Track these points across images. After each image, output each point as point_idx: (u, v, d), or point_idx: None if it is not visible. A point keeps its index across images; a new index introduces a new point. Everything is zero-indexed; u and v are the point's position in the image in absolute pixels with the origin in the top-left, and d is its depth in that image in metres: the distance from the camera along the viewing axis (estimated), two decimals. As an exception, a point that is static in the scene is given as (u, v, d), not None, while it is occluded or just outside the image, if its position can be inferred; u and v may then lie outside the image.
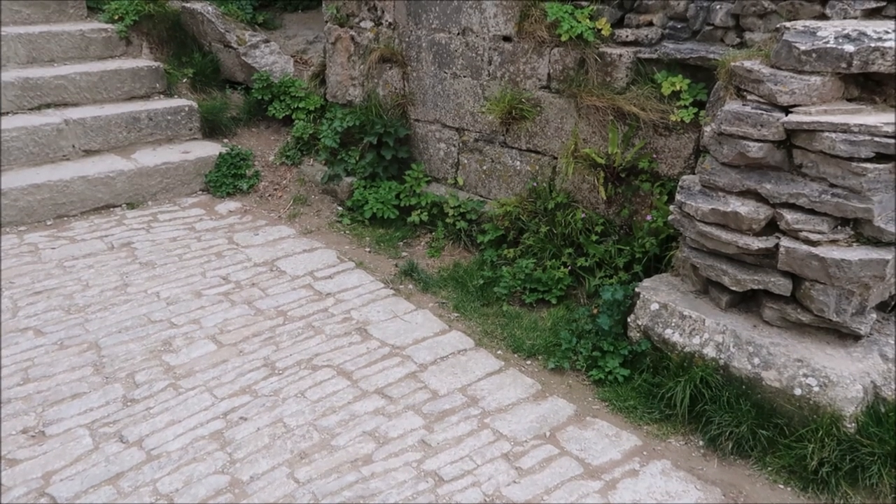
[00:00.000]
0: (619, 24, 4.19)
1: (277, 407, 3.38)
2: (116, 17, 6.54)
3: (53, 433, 3.22)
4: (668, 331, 3.41)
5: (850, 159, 2.89)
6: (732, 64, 3.30)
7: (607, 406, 3.42)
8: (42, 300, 4.23)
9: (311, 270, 4.64)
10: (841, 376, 2.94)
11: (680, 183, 3.45)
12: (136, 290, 4.36)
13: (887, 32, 2.97)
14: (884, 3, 3.35)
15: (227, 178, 5.75)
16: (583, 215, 4.26)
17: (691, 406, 3.21)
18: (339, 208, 5.44)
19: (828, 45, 2.99)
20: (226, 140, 6.15)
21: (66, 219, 5.26)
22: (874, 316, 3.13)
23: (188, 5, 6.73)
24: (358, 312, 4.16)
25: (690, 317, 3.37)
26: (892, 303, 3.28)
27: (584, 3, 4.23)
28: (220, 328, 3.99)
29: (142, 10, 6.55)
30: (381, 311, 4.19)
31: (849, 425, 2.90)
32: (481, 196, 4.97)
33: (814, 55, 3.01)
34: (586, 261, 4.14)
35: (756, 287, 3.21)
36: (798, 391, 3.00)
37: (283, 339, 3.90)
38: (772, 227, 3.14)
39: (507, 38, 4.60)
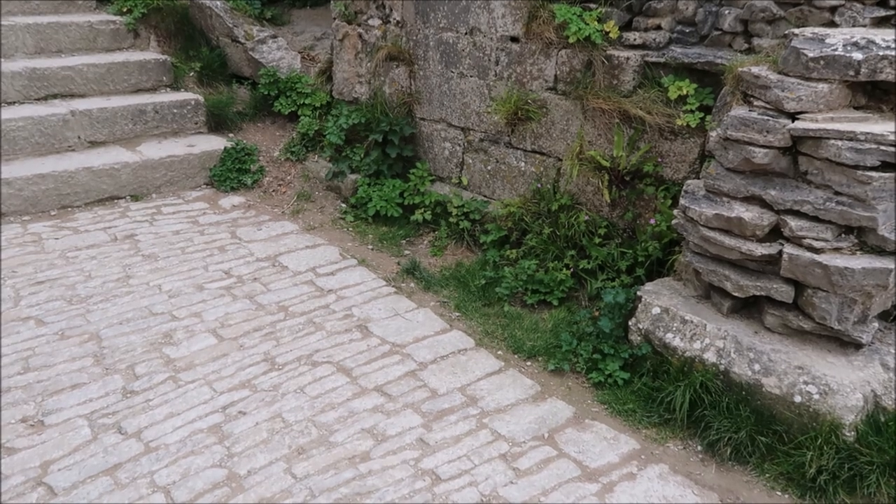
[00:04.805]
0: (627, 27, 4.19)
1: (276, 402, 3.38)
2: (125, 10, 6.55)
3: (52, 423, 3.22)
4: (669, 335, 3.40)
5: (856, 167, 2.88)
6: (740, 69, 3.30)
7: (606, 409, 3.42)
8: (44, 290, 4.23)
9: (313, 266, 4.64)
10: (841, 384, 2.94)
11: (684, 187, 3.44)
12: (138, 282, 4.37)
13: (896, 41, 2.96)
14: (893, 12, 3.34)
15: (232, 173, 5.76)
16: (586, 218, 4.26)
17: (690, 411, 3.21)
18: (343, 205, 5.44)
19: (836, 53, 2.99)
20: (231, 134, 6.15)
21: (70, 209, 5.27)
22: (876, 325, 3.12)
23: (197, -1, 6.74)
24: (359, 309, 4.16)
25: (692, 321, 3.36)
26: (894, 312, 3.28)
27: (592, 6, 4.22)
28: (221, 322, 3.99)
29: (150, 2, 6.56)
30: (382, 308, 4.18)
31: (848, 434, 2.89)
32: (485, 196, 4.97)
33: (822, 62, 3.01)
34: (588, 263, 4.14)
35: (758, 293, 3.20)
36: (798, 398, 2.99)
37: (284, 334, 3.90)
38: (775, 233, 3.14)
39: (514, 39, 4.60)
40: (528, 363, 3.75)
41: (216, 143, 5.93)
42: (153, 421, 3.25)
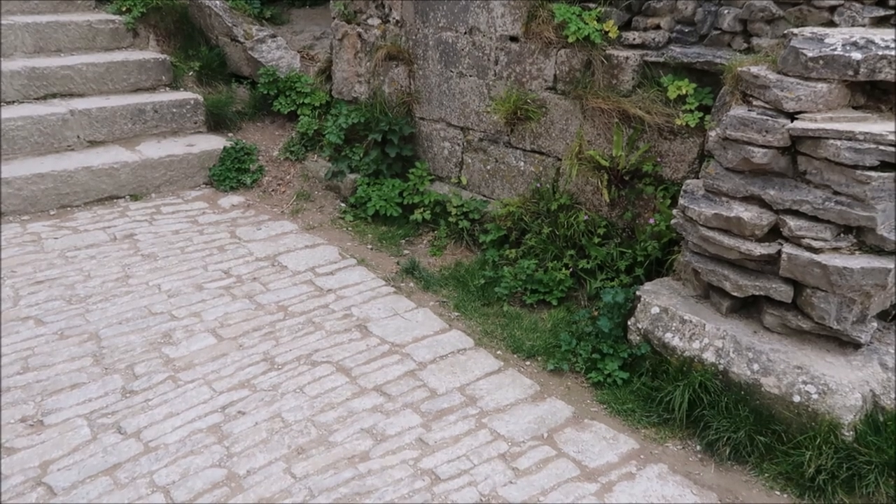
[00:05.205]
0: (626, 26, 4.19)
1: (276, 402, 3.38)
2: (124, 9, 6.54)
3: (52, 423, 3.23)
4: (669, 335, 3.40)
5: (855, 167, 2.88)
6: (739, 69, 3.30)
7: (605, 409, 3.42)
8: (43, 290, 4.23)
9: (313, 266, 4.64)
10: (840, 384, 2.94)
11: (683, 187, 3.44)
12: (137, 281, 4.37)
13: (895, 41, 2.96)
14: (892, 12, 3.34)
15: (231, 173, 5.75)
16: (585, 217, 4.26)
17: (689, 411, 3.21)
18: (342, 205, 5.44)
19: (835, 53, 2.99)
20: (230, 134, 6.15)
21: (69, 209, 5.27)
22: (875, 325, 3.12)
23: (196, -2, 6.74)
24: (358, 309, 4.16)
25: (691, 321, 3.36)
26: (893, 312, 3.28)
27: (591, 5, 4.22)
28: (221, 322, 3.99)
29: (149, 1, 6.55)
30: (381, 308, 4.18)
31: (847, 433, 2.89)
32: (484, 196, 4.97)
33: (821, 62, 3.01)
34: (588, 263, 4.14)
35: (757, 293, 3.20)
36: (797, 398, 2.99)
37: (283, 334, 3.90)
38: (774, 233, 3.14)
39: (513, 39, 4.59)
40: (528, 363, 3.75)
41: (215, 143, 5.93)
42: (152, 421, 3.25)
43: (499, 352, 3.83)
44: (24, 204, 5.14)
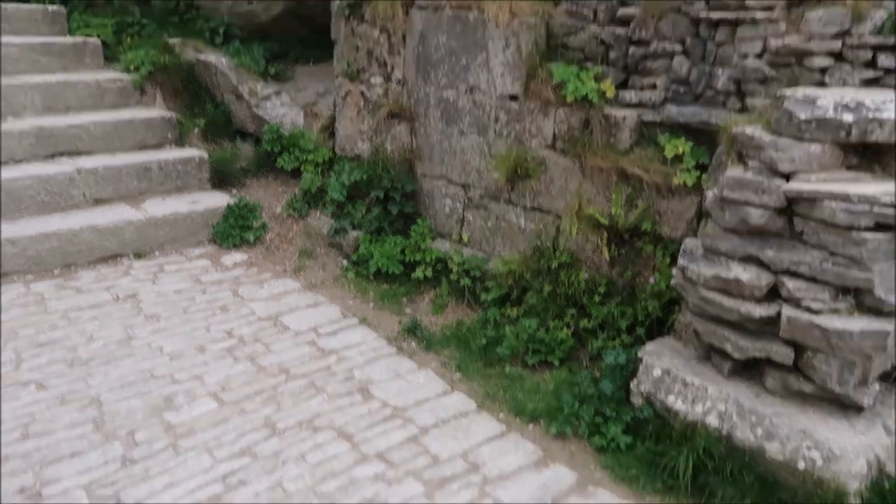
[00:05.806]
0: (623, 85, 4.24)
1: (277, 470, 3.35)
2: (132, 68, 6.67)
3: (50, 494, 3.20)
4: (671, 397, 3.38)
5: (850, 228, 2.89)
6: (734, 129, 3.33)
7: (609, 474, 3.36)
8: (46, 352, 4.24)
9: (315, 326, 4.64)
10: (844, 450, 2.90)
11: (682, 247, 3.45)
12: (139, 343, 4.37)
13: (885, 103, 2.99)
14: (881, 73, 3.38)
15: (234, 230, 5.79)
16: (586, 276, 4.26)
17: (694, 477, 3.16)
18: (345, 262, 5.46)
19: (827, 115, 3.01)
20: (234, 190, 6.21)
21: (73, 268, 5.30)
22: (877, 387, 3.09)
23: (202, 57, 6.86)
24: (360, 371, 4.15)
25: (693, 384, 3.34)
26: (894, 374, 3.25)
27: (589, 65, 4.29)
28: (223, 385, 3.98)
29: (157, 60, 6.69)
30: (383, 370, 4.17)
31: (853, 501, 2.85)
32: (485, 252, 4.98)
33: (813, 124, 3.04)
34: (589, 322, 4.12)
35: (758, 355, 3.18)
36: (802, 464, 2.95)
37: (285, 398, 3.89)
38: (774, 293, 3.13)
39: (513, 98, 4.66)
40: (530, 426, 3.71)
41: (219, 200, 5.98)
42: (152, 491, 3.22)
43: (501, 415, 3.80)
44: (28, 263, 5.17)
